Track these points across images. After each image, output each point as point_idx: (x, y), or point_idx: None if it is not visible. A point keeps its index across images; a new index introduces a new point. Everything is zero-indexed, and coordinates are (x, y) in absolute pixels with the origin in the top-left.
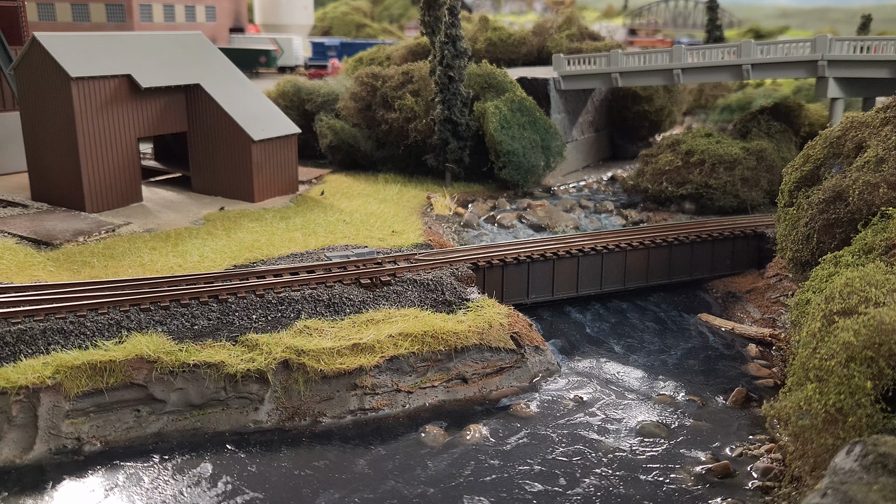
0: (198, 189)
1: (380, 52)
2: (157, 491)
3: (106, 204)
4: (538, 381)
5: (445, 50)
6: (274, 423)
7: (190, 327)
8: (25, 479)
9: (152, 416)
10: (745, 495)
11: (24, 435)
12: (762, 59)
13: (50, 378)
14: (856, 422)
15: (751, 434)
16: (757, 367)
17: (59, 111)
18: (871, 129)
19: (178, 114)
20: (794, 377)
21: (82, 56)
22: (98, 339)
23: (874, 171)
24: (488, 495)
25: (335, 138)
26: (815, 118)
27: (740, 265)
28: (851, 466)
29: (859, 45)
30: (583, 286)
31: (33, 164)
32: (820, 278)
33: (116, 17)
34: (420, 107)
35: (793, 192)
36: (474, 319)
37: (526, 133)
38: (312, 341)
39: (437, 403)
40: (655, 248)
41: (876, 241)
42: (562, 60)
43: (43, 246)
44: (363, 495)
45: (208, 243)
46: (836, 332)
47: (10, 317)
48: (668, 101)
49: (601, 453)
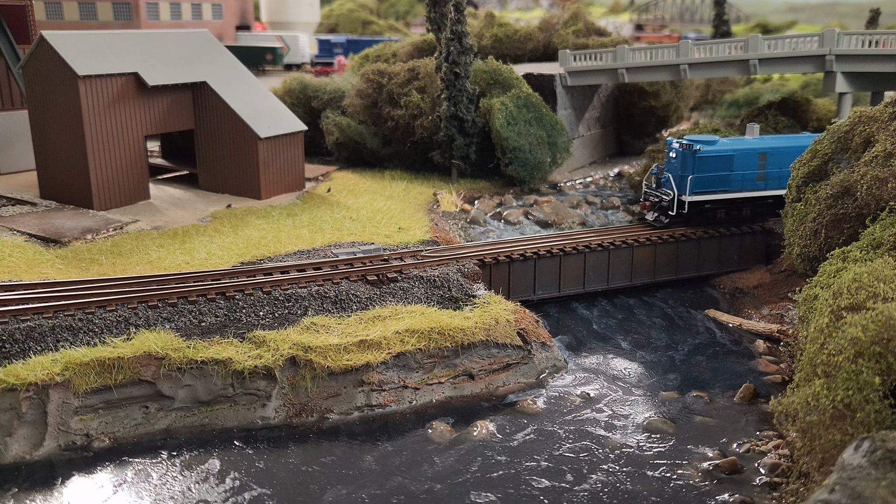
0: (205, 186)
1: (386, 48)
2: (165, 487)
3: (114, 202)
4: (545, 377)
5: (451, 46)
6: (281, 420)
7: (197, 324)
8: (35, 475)
9: (160, 413)
10: (753, 491)
11: (33, 431)
12: (769, 54)
13: (59, 375)
14: (864, 417)
15: (758, 430)
16: (765, 364)
17: (66, 109)
18: (880, 124)
19: (184, 112)
20: (802, 373)
21: (89, 54)
22: (106, 336)
23: (882, 166)
24: (495, 491)
25: (341, 135)
26: (823, 113)
27: (748, 261)
28: (860, 462)
29: (868, 39)
30: (589, 282)
31: (41, 163)
32: (828, 274)
33: (123, 16)
34: (426, 103)
35: (800, 188)
36: (481, 316)
37: (532, 129)
38: (319, 338)
39: (443, 400)
40: (662, 244)
41: (884, 236)
42: (568, 56)
43: (51, 244)
44: (370, 491)
45: (215, 240)
46: (844, 328)
47: (20, 314)
48: (674, 96)
49: (608, 449)
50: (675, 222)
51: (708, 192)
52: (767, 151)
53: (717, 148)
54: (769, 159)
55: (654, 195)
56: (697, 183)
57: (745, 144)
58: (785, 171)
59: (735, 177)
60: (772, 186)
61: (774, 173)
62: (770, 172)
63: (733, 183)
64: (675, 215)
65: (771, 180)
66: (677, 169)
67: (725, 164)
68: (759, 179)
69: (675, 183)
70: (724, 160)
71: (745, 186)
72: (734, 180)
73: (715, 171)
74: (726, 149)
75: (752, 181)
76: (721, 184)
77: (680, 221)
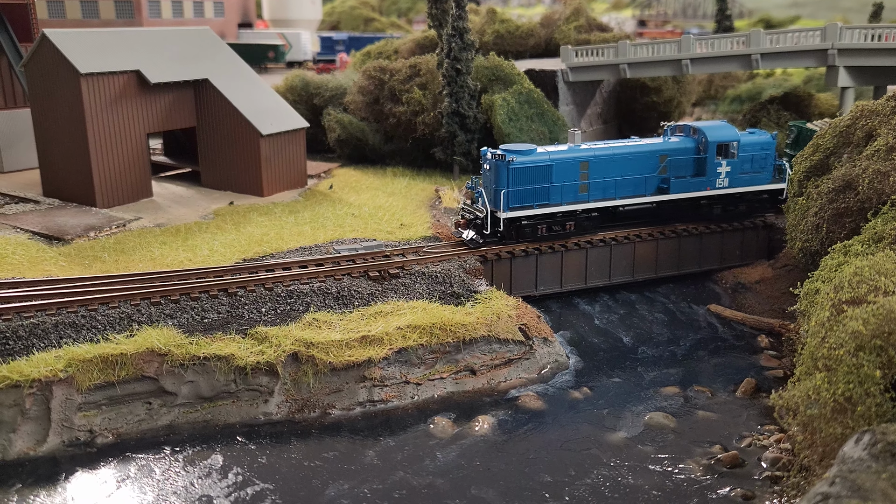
0: (207, 184)
1: (387, 45)
2: (168, 482)
3: (116, 199)
4: (546, 372)
5: (453, 43)
6: (283, 415)
7: (200, 320)
8: (39, 470)
9: (163, 409)
10: (755, 485)
11: (37, 427)
12: (771, 49)
13: (62, 371)
14: (864, 411)
15: (760, 424)
16: (767, 358)
17: (68, 107)
18: (882, 118)
19: (186, 109)
20: (803, 367)
21: (91, 52)
22: (109, 333)
23: (884, 160)
24: (497, 486)
25: (343, 132)
26: (826, 107)
27: (750, 256)
28: (860, 455)
29: (870, 33)
30: (591, 278)
31: (44, 161)
32: (829, 267)
33: (125, 14)
34: (428, 100)
35: (802, 182)
36: (483, 311)
37: (534, 125)
38: (321, 334)
39: (445, 395)
40: (664, 240)
41: (886, 229)
42: (570, 52)
43: (54, 241)
44: (372, 486)
45: (218, 237)
46: (845, 322)
47: (23, 311)
48: (677, 92)
49: (609, 444)
50: (491, 242)
51: (525, 206)
52: (590, 160)
53: (532, 158)
54: (592, 168)
55: (469, 212)
56: (513, 197)
57: (566, 153)
58: (610, 181)
59: (555, 189)
60: (596, 198)
61: (598, 183)
62: (594, 183)
63: (553, 196)
64: (490, 234)
65: (595, 191)
66: (491, 182)
67: (543, 175)
68: (581, 191)
69: (489, 198)
70: (542, 171)
71: (567, 199)
72: (554, 193)
73: (532, 183)
74: (543, 158)
75: (573, 193)
76: (539, 197)
77: (496, 241)
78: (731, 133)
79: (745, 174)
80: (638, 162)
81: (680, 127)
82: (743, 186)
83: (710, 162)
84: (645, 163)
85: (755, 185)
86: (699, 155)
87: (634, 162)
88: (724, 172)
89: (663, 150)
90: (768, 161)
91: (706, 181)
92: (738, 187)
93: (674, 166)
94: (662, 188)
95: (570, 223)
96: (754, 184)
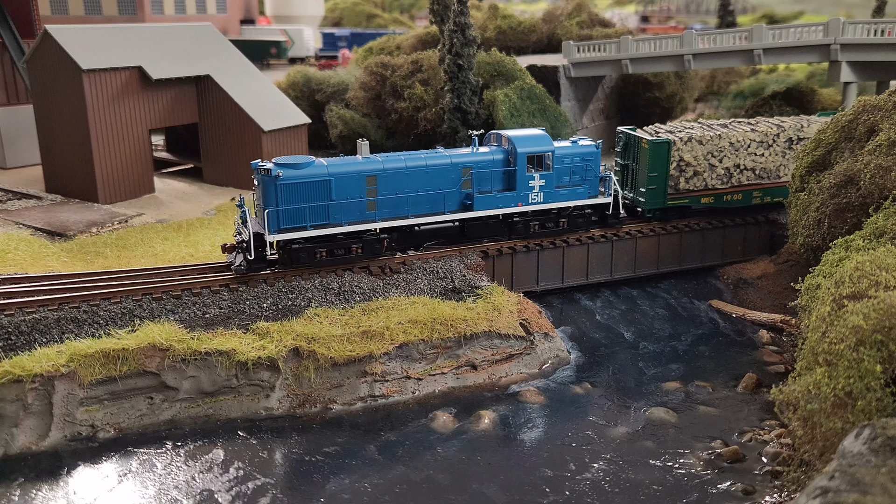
0: (209, 180)
1: (389, 41)
2: (169, 477)
3: (118, 195)
4: (547, 367)
5: (455, 38)
6: (285, 410)
7: (201, 316)
8: (41, 465)
9: (165, 404)
10: (755, 480)
11: (39, 422)
12: (774, 44)
13: (64, 366)
14: (865, 405)
15: (761, 419)
16: (768, 353)
17: (71, 103)
18: (884, 113)
19: (189, 105)
20: (804, 361)
21: (94, 48)
22: (111, 328)
23: (886, 155)
24: (498, 481)
25: (345, 128)
26: (828, 103)
27: (752, 251)
28: (860, 450)
29: (873, 28)
30: (593, 273)
31: (47, 157)
32: (830, 262)
33: (128, 10)
34: (429, 96)
35: (804, 177)
36: (484, 307)
37: (536, 121)
38: (323, 328)
39: (446, 390)
40: (666, 235)
41: (887, 224)
42: (572, 47)
43: (57, 237)
44: (373, 481)
45: (220, 233)
46: (845, 316)
47: (25, 306)
48: (679, 87)
49: (610, 439)
50: (258, 268)
51: (298, 228)
52: (378, 174)
53: (306, 172)
54: (381, 183)
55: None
56: (283, 217)
57: (348, 166)
58: (403, 198)
59: (335, 207)
60: (386, 216)
61: (389, 200)
62: (383, 199)
63: (333, 214)
64: (255, 259)
65: (385, 208)
66: (258, 200)
67: (320, 191)
68: (369, 208)
69: (259, 217)
70: (318, 186)
71: (351, 218)
72: (334, 211)
73: (306, 200)
74: (320, 172)
75: (359, 211)
76: (317, 216)
77: (265, 266)
78: (545, 143)
79: (563, 188)
80: (435, 175)
81: (493, 136)
82: (560, 201)
83: (521, 175)
84: (444, 176)
85: (575, 199)
86: (508, 167)
87: (431, 175)
88: (537, 186)
89: (466, 163)
90: (590, 173)
91: (517, 196)
92: (555, 202)
93: (479, 180)
94: (466, 204)
95: (357, 246)
96: (574, 198)
